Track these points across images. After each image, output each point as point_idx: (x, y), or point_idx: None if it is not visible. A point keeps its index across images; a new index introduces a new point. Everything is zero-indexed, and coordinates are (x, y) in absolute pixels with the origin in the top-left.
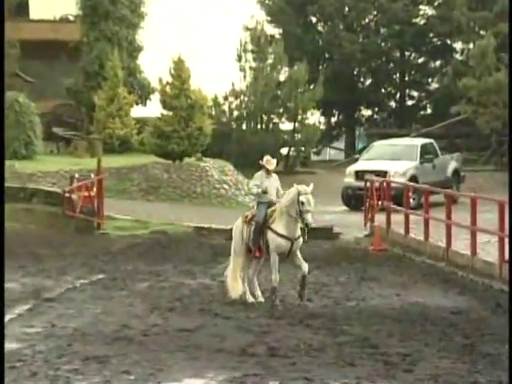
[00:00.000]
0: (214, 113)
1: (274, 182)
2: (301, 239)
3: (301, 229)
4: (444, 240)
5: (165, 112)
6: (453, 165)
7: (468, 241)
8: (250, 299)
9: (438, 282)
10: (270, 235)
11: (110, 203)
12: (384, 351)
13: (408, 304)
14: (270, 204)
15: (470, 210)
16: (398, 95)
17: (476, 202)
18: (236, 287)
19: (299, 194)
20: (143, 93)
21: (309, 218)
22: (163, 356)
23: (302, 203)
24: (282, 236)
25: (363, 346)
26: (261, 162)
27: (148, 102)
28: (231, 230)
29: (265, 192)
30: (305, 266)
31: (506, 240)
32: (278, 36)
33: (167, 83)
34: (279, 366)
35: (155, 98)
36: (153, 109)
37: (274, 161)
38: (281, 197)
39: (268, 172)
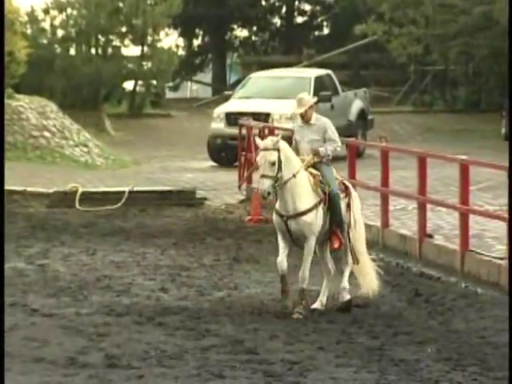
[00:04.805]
0: (29, 32)
1: (310, 134)
2: (304, 218)
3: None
4: None
5: None
6: (357, 105)
7: (377, 208)
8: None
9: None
10: None
11: None
12: (264, 358)
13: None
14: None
15: (381, 165)
16: (283, 9)
17: (388, 155)
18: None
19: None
20: None
21: (261, 185)
22: None
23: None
24: (275, 210)
25: (236, 352)
26: None
27: None
28: (54, 193)
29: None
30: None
31: (428, 206)
32: None
33: None
34: (120, 380)
35: None
36: None
37: (307, 98)
38: (325, 152)
39: (303, 118)
